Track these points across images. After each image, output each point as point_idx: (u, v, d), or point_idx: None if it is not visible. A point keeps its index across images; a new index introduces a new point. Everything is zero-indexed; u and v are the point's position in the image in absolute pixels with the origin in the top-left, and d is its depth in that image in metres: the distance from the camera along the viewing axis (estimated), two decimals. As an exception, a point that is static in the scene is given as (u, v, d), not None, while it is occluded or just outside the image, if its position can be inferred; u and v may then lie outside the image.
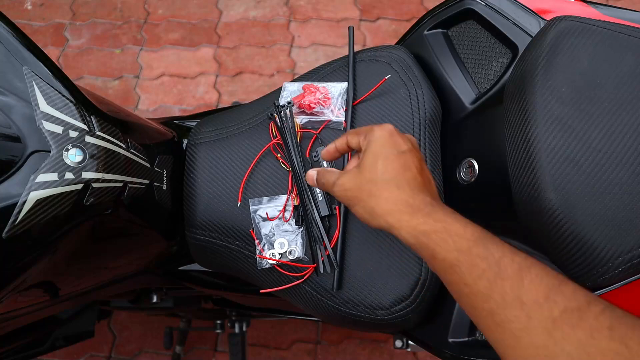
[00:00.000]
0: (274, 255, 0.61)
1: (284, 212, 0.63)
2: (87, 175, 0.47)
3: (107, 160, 0.50)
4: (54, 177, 0.45)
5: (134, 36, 1.86)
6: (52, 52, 1.83)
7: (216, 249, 0.66)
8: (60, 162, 0.46)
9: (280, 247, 0.62)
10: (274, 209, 0.64)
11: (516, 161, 0.52)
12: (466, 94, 0.67)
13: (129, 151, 0.55)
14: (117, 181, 0.51)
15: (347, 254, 0.61)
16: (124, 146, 0.54)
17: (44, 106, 0.47)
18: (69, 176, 0.46)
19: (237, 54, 1.81)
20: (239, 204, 0.65)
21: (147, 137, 0.63)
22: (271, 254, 0.61)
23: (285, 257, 0.62)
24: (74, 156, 0.47)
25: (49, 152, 0.45)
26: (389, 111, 0.66)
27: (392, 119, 0.66)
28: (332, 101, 0.67)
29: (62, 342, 0.89)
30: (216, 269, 0.74)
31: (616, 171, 0.47)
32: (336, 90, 0.68)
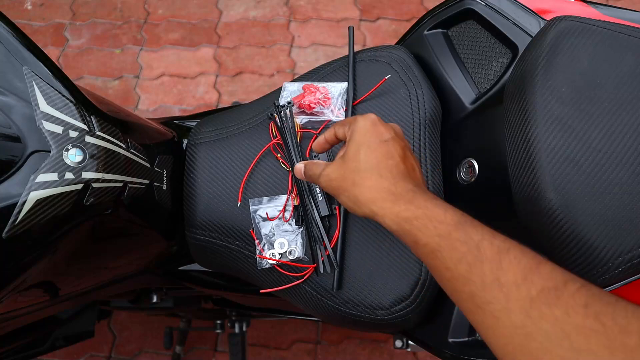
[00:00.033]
0: (274, 255, 0.61)
1: (284, 212, 0.63)
2: (87, 175, 0.47)
3: (107, 160, 0.50)
4: (54, 177, 0.45)
5: (134, 36, 1.86)
6: (52, 52, 1.83)
7: (216, 249, 0.66)
8: (60, 162, 0.46)
9: (280, 247, 0.62)
10: (274, 209, 0.64)
11: (516, 161, 0.52)
12: (466, 94, 0.67)
13: (129, 151, 0.55)
14: (117, 181, 0.51)
15: (347, 254, 0.61)
16: (124, 146, 0.54)
17: (44, 106, 0.47)
18: (69, 176, 0.46)
19: (237, 54, 1.81)
20: (239, 204, 0.65)
21: (147, 137, 0.63)
22: (271, 254, 0.61)
23: (285, 257, 0.62)
24: (74, 156, 0.47)
25: (49, 152, 0.45)
26: (389, 111, 0.66)
27: (392, 119, 0.66)
28: (332, 101, 0.67)
29: (62, 342, 0.89)
30: (216, 269, 0.74)
31: (616, 171, 0.47)
32: (336, 90, 0.68)
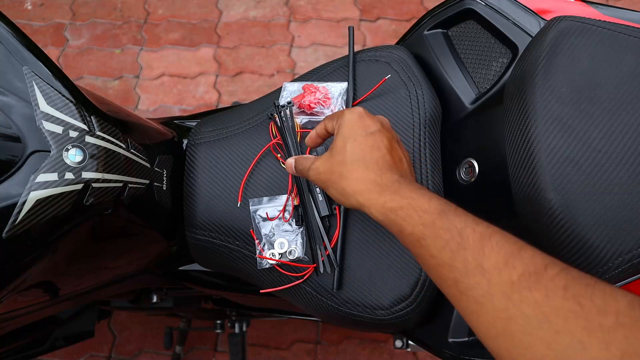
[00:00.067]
0: (274, 255, 0.61)
1: (284, 212, 0.63)
2: (87, 175, 0.47)
3: (107, 160, 0.50)
4: (54, 177, 0.45)
5: (134, 36, 1.86)
6: (52, 52, 1.83)
7: (216, 249, 0.66)
8: (60, 162, 0.46)
9: (280, 247, 0.62)
10: (274, 209, 0.64)
11: (516, 161, 0.52)
12: (466, 94, 0.67)
13: (129, 151, 0.55)
14: (117, 181, 0.51)
15: (347, 254, 0.61)
16: (124, 146, 0.54)
17: (44, 106, 0.47)
18: (69, 176, 0.46)
19: (237, 54, 1.81)
20: (239, 204, 0.65)
21: (147, 137, 0.63)
22: (271, 254, 0.61)
23: (285, 257, 0.62)
24: (74, 156, 0.47)
25: (49, 152, 0.45)
26: (389, 111, 0.66)
27: (392, 119, 0.66)
28: (332, 101, 0.67)
29: (62, 342, 0.89)
30: (216, 269, 0.74)
31: (616, 171, 0.47)
32: (336, 90, 0.68)
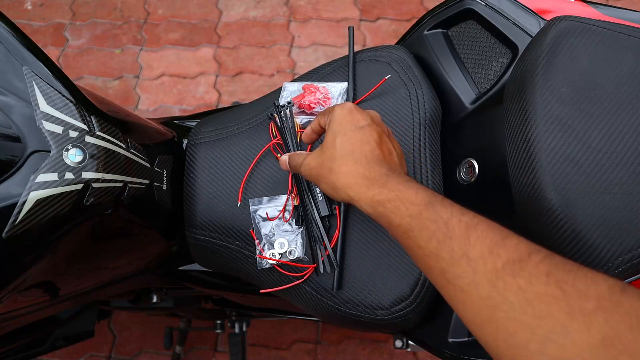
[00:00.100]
0: (274, 255, 0.61)
1: (284, 212, 0.63)
2: (87, 175, 0.47)
3: (107, 160, 0.50)
4: (54, 177, 0.45)
5: (134, 36, 1.86)
6: (52, 52, 1.83)
7: (216, 249, 0.66)
8: (60, 162, 0.46)
9: (280, 247, 0.62)
10: (274, 209, 0.64)
11: (516, 161, 0.52)
12: (466, 94, 0.67)
13: (129, 151, 0.55)
14: (117, 181, 0.51)
15: (347, 254, 0.61)
16: (124, 146, 0.54)
17: (44, 106, 0.47)
18: (69, 176, 0.46)
19: (237, 54, 1.81)
20: (239, 204, 0.65)
21: (147, 137, 0.63)
22: (271, 254, 0.61)
23: (285, 257, 0.62)
24: (74, 156, 0.47)
25: (49, 152, 0.45)
26: (389, 111, 0.66)
27: (392, 119, 0.66)
28: (332, 101, 0.67)
29: (62, 342, 0.89)
30: (216, 269, 0.74)
31: (616, 171, 0.47)
32: (336, 90, 0.68)
